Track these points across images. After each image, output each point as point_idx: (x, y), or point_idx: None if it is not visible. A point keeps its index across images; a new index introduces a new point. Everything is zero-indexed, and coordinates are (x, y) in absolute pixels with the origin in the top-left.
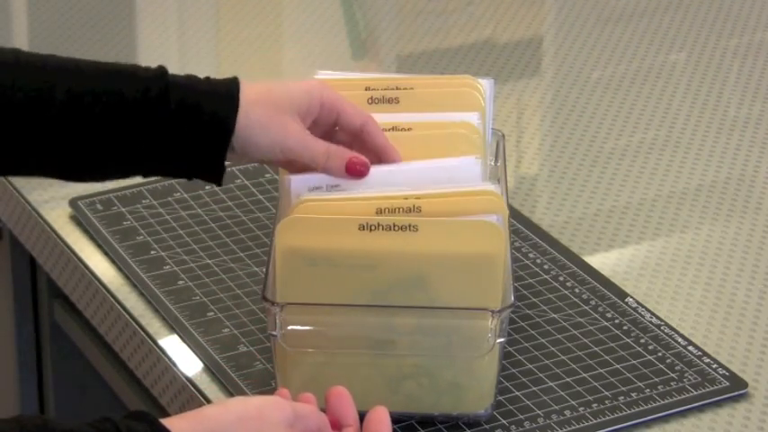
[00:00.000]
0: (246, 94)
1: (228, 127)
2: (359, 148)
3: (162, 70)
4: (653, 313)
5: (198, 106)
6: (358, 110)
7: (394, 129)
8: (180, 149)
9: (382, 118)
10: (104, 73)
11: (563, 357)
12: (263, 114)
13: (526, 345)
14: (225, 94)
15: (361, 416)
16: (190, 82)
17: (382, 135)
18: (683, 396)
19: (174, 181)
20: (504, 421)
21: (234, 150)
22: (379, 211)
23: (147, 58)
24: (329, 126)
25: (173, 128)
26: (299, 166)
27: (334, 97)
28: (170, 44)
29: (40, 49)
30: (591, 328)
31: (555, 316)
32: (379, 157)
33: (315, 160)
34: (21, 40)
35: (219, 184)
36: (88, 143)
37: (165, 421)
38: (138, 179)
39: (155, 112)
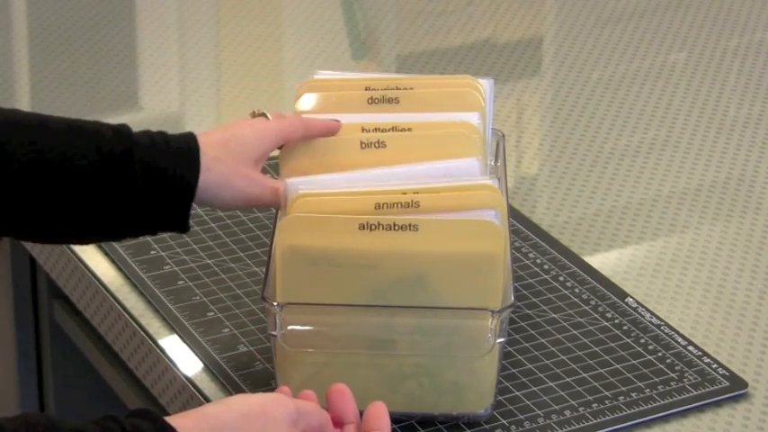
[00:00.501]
0: (206, 152)
1: (191, 188)
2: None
3: (125, 129)
4: (653, 313)
5: (160, 169)
6: (294, 121)
7: (394, 129)
8: (143, 211)
9: (382, 118)
10: (68, 130)
11: (563, 357)
12: (224, 171)
13: (526, 345)
14: (186, 154)
15: (362, 415)
16: (151, 142)
17: (318, 121)
18: (683, 396)
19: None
20: (504, 421)
21: (197, 203)
22: (378, 206)
23: (147, 58)
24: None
25: (136, 190)
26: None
27: (279, 129)
28: (170, 44)
29: (40, 50)
30: (591, 328)
31: (555, 316)
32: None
33: (274, 200)
34: (21, 40)
35: (186, 232)
36: (47, 203)
37: (169, 419)
38: None
39: (117, 174)
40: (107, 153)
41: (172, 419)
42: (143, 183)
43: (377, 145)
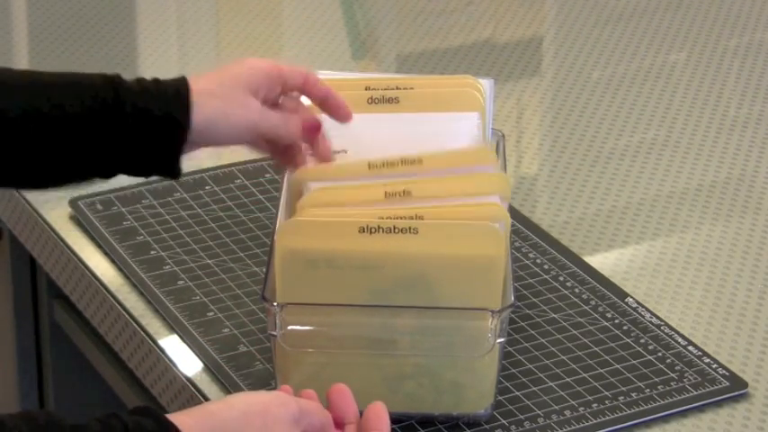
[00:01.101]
0: (197, 88)
1: (182, 125)
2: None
3: (113, 77)
4: (653, 313)
5: (148, 110)
6: (295, 68)
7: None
8: (135, 152)
9: (382, 118)
10: (59, 81)
11: (563, 357)
12: (219, 104)
13: (526, 345)
14: (176, 95)
15: (362, 415)
16: (140, 87)
17: (324, 85)
18: (683, 396)
19: (173, 181)
20: (504, 421)
21: (196, 143)
22: (387, 195)
23: (147, 58)
24: (277, 96)
25: (127, 133)
26: (263, 144)
27: (271, 65)
28: (170, 44)
29: (40, 50)
30: (591, 328)
31: (555, 316)
32: (327, 103)
33: (277, 131)
34: (21, 40)
35: (177, 178)
36: (44, 152)
37: (170, 416)
38: (137, 179)
39: (108, 119)
40: (97, 98)
41: (174, 417)
42: (133, 123)
43: (401, 195)
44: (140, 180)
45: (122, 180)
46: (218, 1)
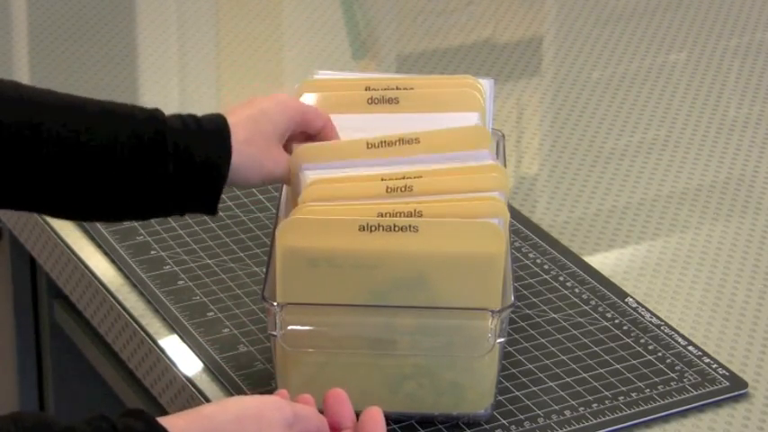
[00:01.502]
0: (237, 133)
1: (222, 172)
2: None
3: (158, 113)
4: (653, 313)
5: (192, 154)
6: (318, 112)
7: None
8: (174, 194)
9: (382, 118)
10: (101, 113)
11: (563, 357)
12: (254, 154)
13: (526, 345)
14: (217, 138)
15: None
16: (183, 126)
17: (336, 136)
18: (683, 396)
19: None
20: (504, 421)
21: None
22: (381, 215)
23: (147, 58)
24: (293, 134)
25: (168, 174)
26: None
27: (301, 108)
28: (170, 44)
29: (40, 50)
30: (591, 328)
31: (555, 316)
32: None
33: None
34: (21, 40)
35: (213, 215)
36: (79, 183)
37: (163, 420)
38: None
39: (149, 157)
40: (139, 136)
41: (165, 420)
42: (175, 166)
43: (402, 190)
44: None
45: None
46: (218, 1)
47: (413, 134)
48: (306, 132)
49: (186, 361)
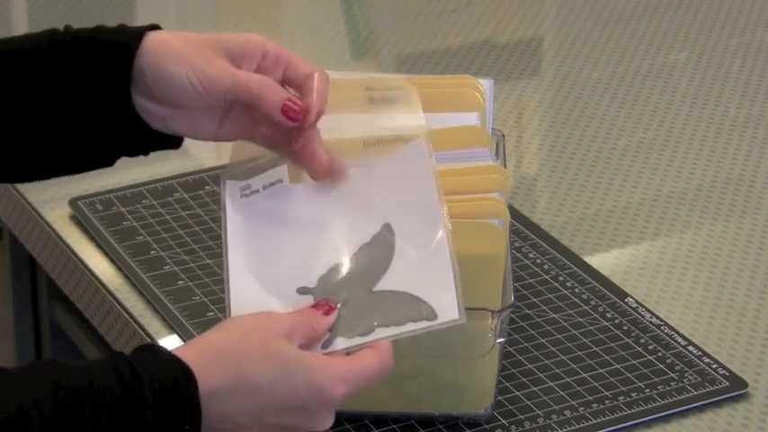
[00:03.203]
0: (159, 33)
1: (130, 46)
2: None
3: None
4: (653, 313)
5: (95, 38)
6: (306, 62)
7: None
8: (83, 85)
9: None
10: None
11: (563, 357)
12: (180, 45)
13: (526, 345)
14: (132, 29)
15: (361, 416)
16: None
17: (325, 91)
18: (683, 396)
19: (173, 181)
20: (504, 421)
21: (144, 87)
22: None
23: None
24: (279, 82)
25: (73, 62)
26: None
27: (279, 48)
28: None
29: None
30: (591, 328)
31: (555, 316)
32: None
33: (246, 90)
34: None
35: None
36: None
37: (174, 350)
38: (138, 178)
39: (55, 54)
40: (45, 40)
41: (177, 350)
42: (75, 48)
43: None
44: (140, 180)
45: (122, 180)
46: (218, 1)
47: (410, 135)
48: (290, 83)
49: None
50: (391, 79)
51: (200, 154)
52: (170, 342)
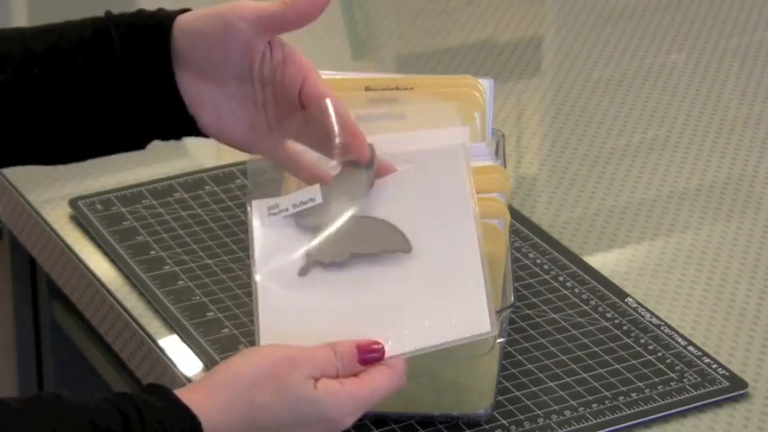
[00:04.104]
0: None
1: (165, 25)
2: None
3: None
4: (653, 313)
5: (133, 24)
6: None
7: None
8: (126, 73)
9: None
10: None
11: (563, 357)
12: (209, 29)
13: (526, 345)
14: (168, 11)
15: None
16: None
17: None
18: (683, 396)
19: (173, 181)
20: (504, 421)
21: (187, 62)
22: None
23: None
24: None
25: (113, 48)
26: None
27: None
28: None
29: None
30: (591, 328)
31: (555, 316)
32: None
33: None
34: None
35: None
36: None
37: (184, 393)
38: (139, 178)
39: (99, 46)
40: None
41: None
42: (119, 38)
43: None
44: (140, 180)
45: (123, 180)
46: (218, 1)
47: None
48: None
49: (186, 361)
50: (391, 79)
51: (200, 154)
52: (170, 342)
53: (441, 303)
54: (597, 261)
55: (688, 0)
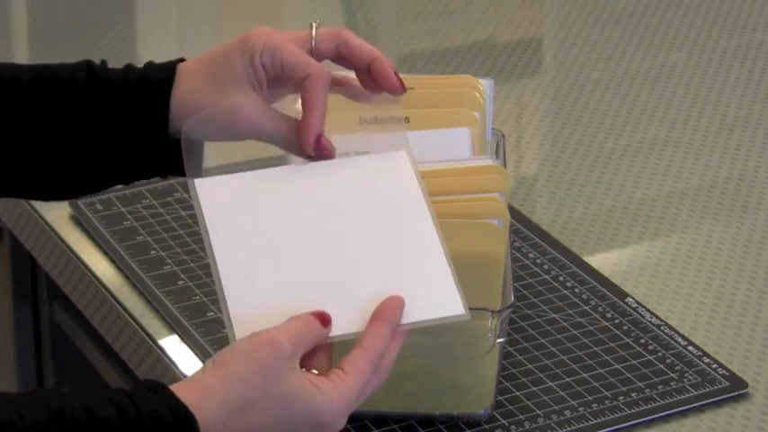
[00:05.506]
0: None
1: (168, 78)
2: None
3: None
4: (653, 313)
5: (126, 80)
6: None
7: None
8: (119, 117)
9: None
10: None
11: (563, 357)
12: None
13: (526, 345)
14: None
15: (361, 416)
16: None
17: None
18: (683, 396)
19: (173, 181)
20: (504, 421)
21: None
22: None
23: (147, 58)
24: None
25: (111, 93)
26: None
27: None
28: (170, 44)
29: (40, 50)
30: (591, 328)
31: (555, 316)
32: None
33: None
34: (20, 40)
35: (174, 172)
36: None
37: (176, 391)
38: None
39: (89, 92)
40: (71, 73)
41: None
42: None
43: None
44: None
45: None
46: (218, 1)
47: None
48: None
49: (186, 361)
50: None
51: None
52: (170, 342)
53: (410, 287)
54: (597, 261)
55: (688, 0)
